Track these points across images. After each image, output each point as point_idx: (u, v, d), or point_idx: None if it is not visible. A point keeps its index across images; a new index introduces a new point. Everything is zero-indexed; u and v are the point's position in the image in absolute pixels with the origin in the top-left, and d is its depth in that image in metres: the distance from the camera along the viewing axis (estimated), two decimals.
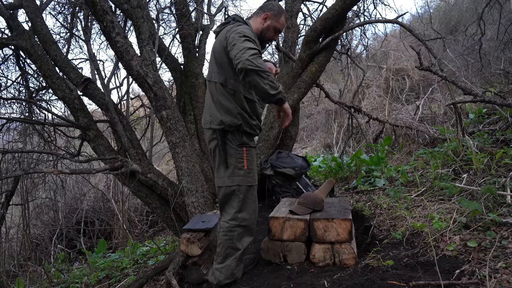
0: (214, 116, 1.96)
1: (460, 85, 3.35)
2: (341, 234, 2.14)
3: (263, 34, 2.06)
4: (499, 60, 6.72)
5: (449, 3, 11.07)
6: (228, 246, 1.93)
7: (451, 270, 1.71)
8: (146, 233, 6.31)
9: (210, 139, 2.02)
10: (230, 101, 1.93)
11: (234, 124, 1.91)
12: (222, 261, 1.94)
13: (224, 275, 1.93)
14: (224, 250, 1.94)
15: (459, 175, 3.01)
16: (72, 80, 3.71)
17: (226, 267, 1.93)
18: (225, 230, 1.95)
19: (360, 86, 7.36)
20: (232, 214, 1.94)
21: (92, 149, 3.84)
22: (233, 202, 1.95)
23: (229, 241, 1.93)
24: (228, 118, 1.92)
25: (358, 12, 5.33)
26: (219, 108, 1.95)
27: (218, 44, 1.97)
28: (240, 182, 1.93)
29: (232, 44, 1.76)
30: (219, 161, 1.97)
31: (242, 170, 1.93)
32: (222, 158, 1.93)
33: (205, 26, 4.95)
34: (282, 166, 3.53)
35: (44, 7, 4.26)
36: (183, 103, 4.47)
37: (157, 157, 8.62)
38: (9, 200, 4.23)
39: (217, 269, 1.95)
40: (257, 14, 2.08)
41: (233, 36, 1.79)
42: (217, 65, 1.96)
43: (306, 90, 4.03)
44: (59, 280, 4.21)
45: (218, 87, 1.96)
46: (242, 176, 1.94)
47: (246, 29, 1.86)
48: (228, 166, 1.93)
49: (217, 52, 1.96)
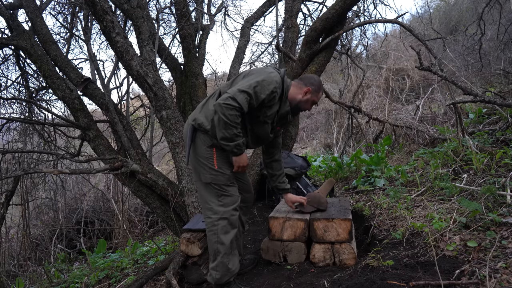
0: (196, 115, 2.05)
1: (460, 85, 3.35)
2: (341, 234, 2.14)
3: (299, 105, 2.15)
4: (499, 60, 6.73)
5: (449, 3, 11.07)
6: (215, 241, 1.98)
7: (451, 270, 1.71)
8: (146, 233, 6.32)
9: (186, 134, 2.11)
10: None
11: (204, 127, 1.99)
12: (214, 259, 1.98)
13: (220, 273, 1.96)
14: (212, 247, 1.99)
15: (459, 175, 3.01)
16: (72, 80, 3.71)
17: (220, 264, 1.96)
18: (209, 226, 2.00)
19: (360, 86, 7.35)
20: (212, 209, 2.00)
21: (92, 149, 3.84)
22: (212, 197, 2.01)
23: (215, 235, 1.97)
24: (202, 119, 2.00)
25: (358, 12, 5.33)
26: (203, 110, 2.05)
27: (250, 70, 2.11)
28: (212, 181, 2.01)
29: (240, 84, 1.92)
30: (190, 157, 2.07)
31: (213, 170, 2.00)
32: (192, 155, 2.04)
33: (205, 26, 4.96)
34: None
35: (44, 7, 4.27)
36: (183, 103, 4.47)
37: (157, 157, 8.63)
38: (9, 200, 4.23)
39: (212, 269, 1.99)
40: (299, 84, 2.16)
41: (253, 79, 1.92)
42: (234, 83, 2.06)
43: None
44: (59, 280, 4.21)
45: (218, 94, 2.05)
46: (214, 175, 2.01)
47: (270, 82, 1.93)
48: (200, 164, 2.02)
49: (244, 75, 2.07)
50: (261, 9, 5.24)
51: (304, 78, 2.19)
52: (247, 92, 1.86)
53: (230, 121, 1.83)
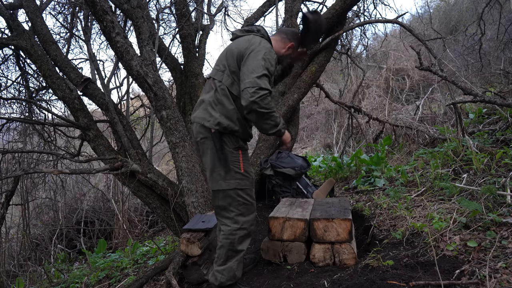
0: (210, 115, 1.93)
1: (460, 85, 3.35)
2: (341, 234, 2.14)
3: (282, 59, 2.15)
4: (499, 60, 6.73)
5: (449, 3, 11.07)
6: (229, 249, 1.93)
7: (451, 270, 1.71)
8: (146, 233, 6.32)
9: (203, 137, 1.98)
10: (232, 105, 1.93)
11: (231, 129, 1.91)
12: (223, 263, 1.94)
13: (226, 277, 1.93)
14: (225, 253, 1.94)
15: (459, 175, 3.01)
16: (72, 80, 3.71)
17: (228, 269, 1.93)
18: (226, 233, 1.94)
19: (360, 86, 7.36)
20: (232, 218, 1.94)
21: (92, 149, 3.84)
22: (232, 206, 1.94)
23: (231, 244, 1.92)
24: (226, 121, 1.91)
25: (358, 12, 5.33)
26: (219, 109, 1.93)
27: (234, 48, 1.97)
28: (236, 186, 1.92)
29: (251, 69, 1.82)
30: (214, 164, 1.93)
31: (239, 174, 1.93)
32: (222, 161, 1.91)
33: (205, 26, 4.95)
34: (282, 166, 3.53)
35: (44, 7, 4.26)
36: (183, 103, 4.47)
37: (157, 157, 8.62)
38: (9, 200, 4.23)
39: (218, 271, 1.95)
40: (281, 37, 2.12)
41: (257, 58, 1.84)
42: (228, 67, 1.96)
43: (306, 90, 4.03)
44: (59, 280, 4.21)
45: (222, 88, 1.95)
46: (240, 179, 1.93)
47: (270, 52, 1.90)
48: (228, 169, 1.91)
49: (231, 56, 1.96)
50: (261, 9, 5.23)
51: (287, 32, 2.16)
52: (265, 75, 1.82)
53: (269, 109, 1.81)
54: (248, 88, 1.78)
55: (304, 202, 2.73)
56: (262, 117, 1.82)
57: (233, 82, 1.94)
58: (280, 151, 3.76)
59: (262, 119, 1.83)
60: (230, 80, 1.94)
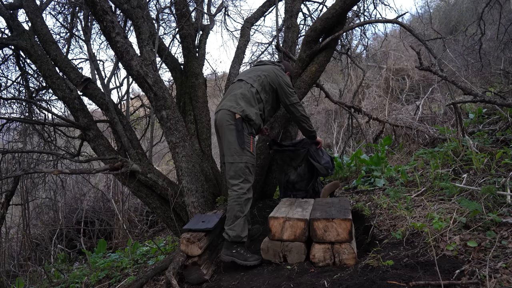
0: (240, 105, 2.56)
1: (460, 85, 3.34)
2: (341, 234, 2.14)
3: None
4: (499, 60, 6.73)
5: (449, 3, 11.08)
6: (238, 210, 2.43)
7: (451, 270, 1.71)
8: (146, 233, 6.32)
9: (227, 120, 2.54)
10: (256, 103, 2.66)
11: (250, 118, 2.57)
12: (233, 222, 2.41)
13: (236, 232, 2.39)
14: (234, 214, 2.42)
15: (459, 175, 3.01)
16: (72, 80, 3.71)
17: (237, 225, 2.41)
18: (234, 197, 2.45)
19: (360, 86, 7.36)
20: (239, 184, 2.48)
21: (92, 149, 3.84)
22: (240, 175, 2.49)
23: (239, 206, 2.43)
24: (249, 112, 2.57)
25: (358, 12, 5.32)
26: (247, 103, 2.60)
27: (267, 71, 2.81)
28: (247, 161, 2.52)
29: (288, 94, 2.80)
30: (234, 142, 2.51)
31: (249, 152, 2.54)
32: (240, 141, 2.51)
33: (205, 26, 4.95)
34: (317, 160, 3.03)
35: (44, 7, 4.27)
36: (183, 103, 4.46)
37: (157, 157, 8.63)
38: (9, 200, 4.23)
39: (230, 229, 2.41)
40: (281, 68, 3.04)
41: (286, 88, 2.81)
42: (258, 80, 2.73)
43: (306, 90, 4.02)
44: (59, 280, 4.21)
45: (252, 90, 2.67)
46: (249, 156, 2.54)
47: (284, 75, 2.91)
48: (242, 148, 2.50)
49: (264, 76, 2.76)
50: (261, 9, 5.23)
51: (286, 65, 3.16)
52: (295, 92, 2.88)
53: (308, 118, 2.95)
54: (293, 105, 2.86)
55: (304, 202, 2.73)
56: (308, 127, 3.01)
57: (262, 89, 2.71)
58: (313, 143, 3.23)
59: (308, 127, 3.01)
60: (260, 88, 2.71)
